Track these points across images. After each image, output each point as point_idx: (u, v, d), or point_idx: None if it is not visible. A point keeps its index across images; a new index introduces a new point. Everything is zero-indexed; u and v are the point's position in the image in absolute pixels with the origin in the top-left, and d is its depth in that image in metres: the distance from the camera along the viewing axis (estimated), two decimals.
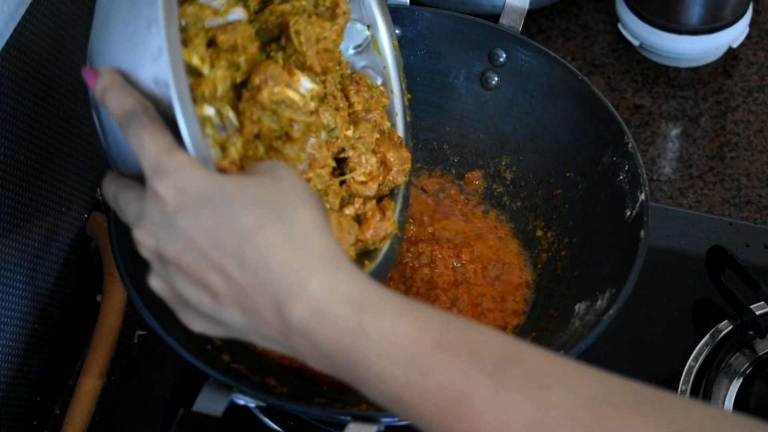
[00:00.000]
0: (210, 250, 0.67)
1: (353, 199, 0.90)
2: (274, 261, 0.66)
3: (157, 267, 0.70)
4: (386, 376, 0.65)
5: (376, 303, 0.66)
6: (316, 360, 0.67)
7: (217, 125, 0.76)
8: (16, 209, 0.90)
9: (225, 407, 0.78)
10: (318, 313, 0.65)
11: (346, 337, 0.65)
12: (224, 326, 0.70)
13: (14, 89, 0.88)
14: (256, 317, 0.67)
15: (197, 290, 0.68)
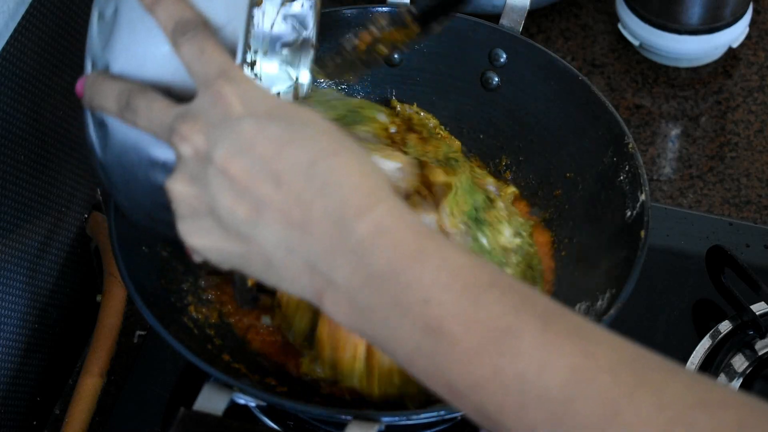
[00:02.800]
0: (274, 160, 0.64)
1: None
2: (346, 181, 0.64)
3: (192, 168, 0.66)
4: (433, 301, 0.63)
5: (437, 237, 0.65)
6: (352, 285, 0.64)
7: None
8: (16, 209, 0.90)
9: (225, 407, 0.78)
10: (382, 232, 0.63)
11: (404, 258, 0.63)
12: (243, 242, 0.66)
13: (14, 89, 0.88)
14: (304, 232, 0.64)
15: (235, 199, 0.65)
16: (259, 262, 0.66)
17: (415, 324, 0.63)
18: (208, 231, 0.67)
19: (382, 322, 0.64)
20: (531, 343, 0.61)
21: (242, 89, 0.66)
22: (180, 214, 0.67)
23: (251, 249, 0.66)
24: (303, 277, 0.65)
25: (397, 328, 0.64)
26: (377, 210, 0.64)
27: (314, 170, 0.64)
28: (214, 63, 0.67)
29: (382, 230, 0.64)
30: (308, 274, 0.65)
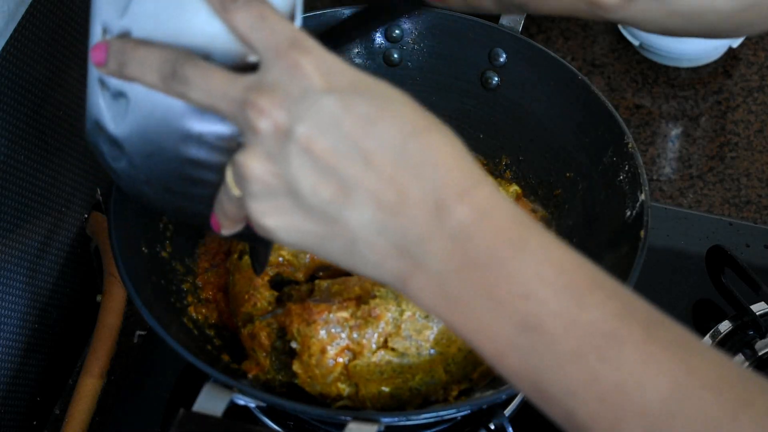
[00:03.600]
0: (362, 138, 0.60)
1: None
2: (443, 160, 0.61)
3: (270, 144, 0.61)
4: (533, 297, 0.59)
5: (538, 227, 0.62)
6: (446, 271, 0.61)
7: None
8: (16, 209, 0.90)
9: (225, 407, 0.78)
10: (483, 217, 0.60)
11: (505, 247, 0.60)
12: (326, 223, 0.62)
13: (14, 89, 0.88)
14: (397, 214, 0.61)
15: (320, 179, 0.61)
16: (341, 244, 0.63)
17: (511, 319, 0.60)
18: (285, 211, 0.63)
19: (474, 312, 0.61)
20: (633, 352, 0.59)
21: (320, 60, 0.62)
22: (252, 193, 0.63)
23: (334, 230, 0.62)
24: (389, 261, 0.62)
25: (490, 321, 0.60)
26: (477, 192, 0.61)
27: (407, 149, 0.61)
28: (280, 31, 0.62)
29: (483, 214, 0.60)
30: (396, 257, 0.62)
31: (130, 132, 0.69)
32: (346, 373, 0.83)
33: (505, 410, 0.92)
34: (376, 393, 0.83)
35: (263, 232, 0.64)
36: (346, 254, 0.63)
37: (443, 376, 0.85)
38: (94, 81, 0.70)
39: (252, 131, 0.62)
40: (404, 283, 0.62)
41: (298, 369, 0.84)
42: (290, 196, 0.62)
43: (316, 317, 0.83)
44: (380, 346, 0.84)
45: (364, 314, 0.83)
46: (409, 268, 0.62)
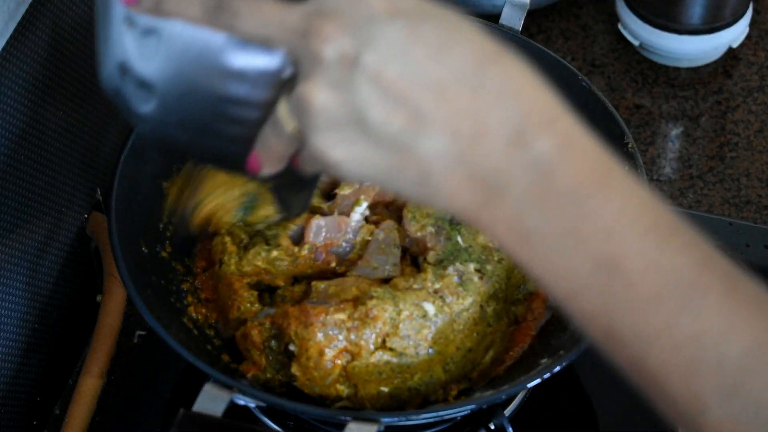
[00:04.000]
0: (435, 67, 0.57)
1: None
2: (523, 88, 0.58)
3: (335, 73, 0.58)
4: (615, 235, 0.57)
5: (620, 165, 0.59)
6: (525, 203, 0.58)
7: None
8: (16, 209, 0.90)
9: (225, 407, 0.78)
10: (567, 149, 0.57)
11: (589, 181, 0.57)
12: (397, 153, 0.59)
13: (14, 89, 0.88)
14: (475, 143, 0.57)
15: (390, 109, 0.58)
16: (412, 175, 0.59)
17: (590, 257, 0.58)
18: (354, 142, 0.59)
19: (550, 247, 0.58)
20: (714, 303, 0.57)
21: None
22: (317, 125, 0.59)
23: (405, 161, 0.59)
24: (464, 192, 0.59)
25: (567, 257, 0.58)
26: (560, 123, 0.58)
27: (483, 77, 0.58)
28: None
29: (566, 147, 0.58)
30: (471, 188, 0.59)
31: (162, 71, 0.65)
32: (344, 374, 0.83)
33: (505, 410, 0.92)
34: (375, 393, 0.83)
35: (328, 166, 0.61)
36: (417, 186, 0.60)
37: (442, 376, 0.85)
38: (118, 20, 0.65)
39: (315, 60, 0.58)
40: (477, 215, 0.59)
41: (296, 371, 0.84)
42: (359, 126, 0.59)
43: (314, 319, 0.83)
44: (378, 346, 0.84)
45: (362, 315, 0.83)
46: (485, 200, 0.59)
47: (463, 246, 0.88)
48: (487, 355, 0.87)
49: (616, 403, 0.98)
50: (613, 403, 0.98)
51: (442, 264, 0.86)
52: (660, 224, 0.58)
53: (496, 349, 0.87)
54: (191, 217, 0.86)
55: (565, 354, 0.83)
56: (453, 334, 0.85)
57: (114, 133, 1.05)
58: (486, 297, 0.86)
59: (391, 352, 0.84)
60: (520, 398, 0.93)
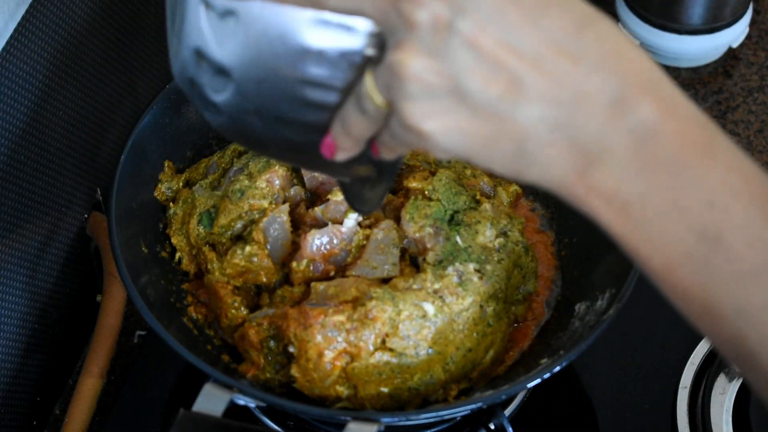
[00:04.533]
0: (533, 31, 0.55)
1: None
2: (623, 51, 0.56)
3: (430, 39, 0.56)
4: (718, 206, 0.55)
5: (723, 133, 0.57)
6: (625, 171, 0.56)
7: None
8: (16, 209, 0.90)
9: (225, 407, 0.78)
10: (669, 115, 0.56)
11: (692, 150, 0.56)
12: (494, 122, 0.57)
13: (14, 89, 0.88)
14: (576, 109, 0.56)
15: (488, 75, 0.56)
16: (508, 144, 0.58)
17: (691, 227, 0.56)
18: (449, 111, 0.57)
19: (649, 218, 0.57)
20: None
21: None
22: (411, 94, 0.57)
23: (503, 129, 0.57)
24: (560, 161, 0.57)
25: (666, 228, 0.56)
26: (661, 89, 0.57)
27: (582, 40, 0.56)
28: None
29: (668, 113, 0.56)
30: (568, 157, 0.57)
31: (240, 55, 0.62)
32: (344, 375, 0.83)
33: (505, 410, 0.92)
34: (375, 394, 0.83)
35: (420, 138, 0.59)
36: (512, 156, 0.58)
37: (442, 376, 0.85)
38: (194, 3, 0.63)
39: (408, 26, 0.56)
40: (573, 186, 0.58)
41: (296, 373, 0.84)
42: (454, 94, 0.57)
43: (313, 321, 0.82)
44: (378, 347, 0.84)
45: (361, 316, 0.83)
46: (583, 169, 0.57)
47: (463, 246, 0.88)
48: (488, 355, 0.87)
49: (616, 403, 0.98)
50: (613, 403, 0.98)
51: (442, 264, 0.86)
52: (764, 195, 0.56)
53: (496, 350, 0.87)
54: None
55: (565, 354, 0.83)
56: (453, 334, 0.85)
57: (114, 133, 1.05)
58: (486, 297, 0.86)
59: (391, 353, 0.84)
60: (520, 398, 0.93)
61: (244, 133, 0.67)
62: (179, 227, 0.93)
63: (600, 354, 0.97)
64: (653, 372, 0.98)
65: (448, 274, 0.86)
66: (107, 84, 1.03)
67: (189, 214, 0.92)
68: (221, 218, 0.91)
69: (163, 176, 0.95)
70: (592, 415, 0.97)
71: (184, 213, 0.93)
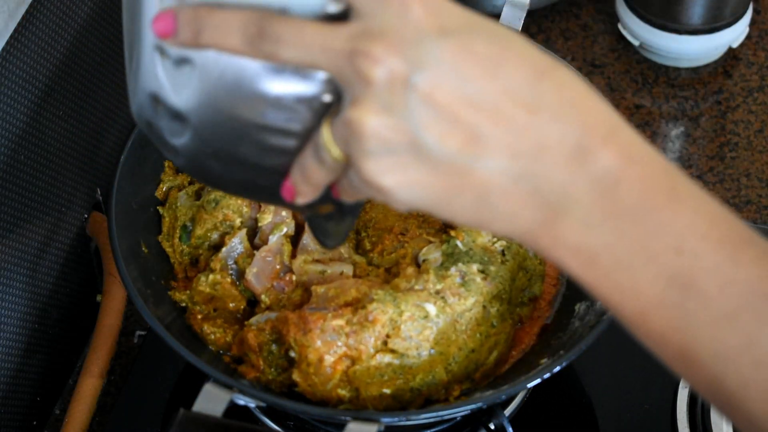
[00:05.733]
0: (490, 83, 0.55)
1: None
2: (580, 101, 0.56)
3: (386, 96, 0.56)
4: (687, 251, 0.55)
5: (685, 175, 0.57)
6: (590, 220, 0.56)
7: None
8: (16, 209, 0.90)
9: (225, 407, 0.78)
10: (631, 162, 0.55)
11: (656, 196, 0.55)
12: (453, 176, 0.57)
13: (14, 89, 0.88)
14: (536, 160, 0.56)
15: (446, 130, 0.56)
16: (469, 197, 0.57)
17: (661, 274, 0.56)
18: (408, 166, 0.57)
19: (617, 267, 0.56)
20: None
21: (427, 0, 0.56)
22: (368, 150, 0.57)
23: (463, 183, 0.57)
24: (525, 212, 0.57)
25: (636, 276, 0.56)
26: (622, 135, 0.56)
27: (540, 91, 0.56)
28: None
29: (630, 160, 0.55)
30: (533, 207, 0.57)
31: (196, 101, 0.63)
32: (345, 378, 0.83)
33: (505, 410, 0.92)
34: (377, 395, 0.83)
35: (379, 193, 0.59)
36: (475, 209, 0.58)
37: (444, 376, 0.84)
38: (149, 50, 0.63)
39: (364, 83, 0.56)
40: (538, 237, 0.57)
41: (297, 377, 0.84)
42: (412, 150, 0.56)
43: (312, 326, 0.82)
44: (379, 349, 0.83)
45: (361, 319, 0.83)
46: (547, 219, 0.57)
47: (464, 249, 0.88)
48: (491, 356, 0.87)
49: (616, 403, 0.98)
50: (613, 403, 0.98)
51: (444, 265, 0.86)
52: (732, 236, 0.56)
53: (500, 350, 0.87)
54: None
55: (565, 354, 0.83)
56: (455, 334, 0.85)
57: (114, 133, 1.05)
58: (489, 297, 0.86)
59: (393, 354, 0.84)
60: (520, 398, 0.93)
61: (204, 175, 0.67)
62: (166, 235, 0.93)
63: (600, 354, 0.97)
64: (653, 372, 0.98)
65: (450, 275, 0.86)
66: (107, 84, 1.03)
67: (173, 226, 0.93)
68: (197, 229, 0.91)
69: (164, 176, 0.95)
70: (592, 415, 0.97)
71: (170, 219, 0.93)
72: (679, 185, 0.57)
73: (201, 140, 0.64)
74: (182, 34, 0.60)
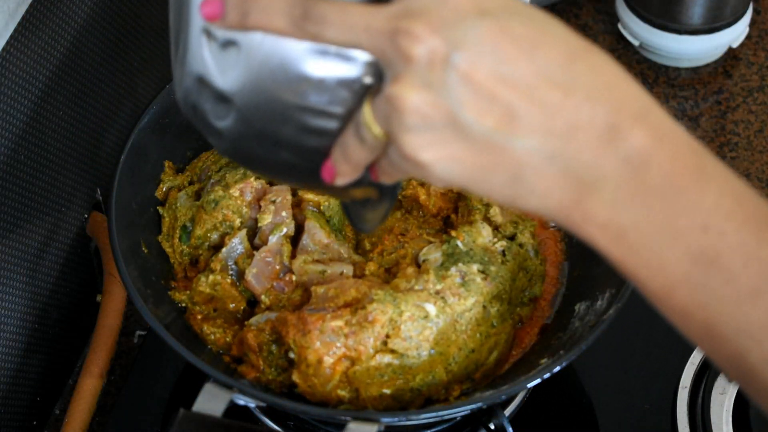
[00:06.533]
0: (527, 63, 0.57)
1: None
2: (614, 82, 0.58)
3: (426, 73, 0.57)
4: (713, 229, 0.57)
5: (713, 155, 0.58)
6: (620, 199, 0.58)
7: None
8: (16, 209, 0.90)
9: (225, 407, 0.78)
10: (661, 141, 0.57)
11: (684, 175, 0.57)
12: (489, 153, 0.58)
13: (14, 89, 0.88)
14: (569, 139, 0.57)
15: (484, 108, 0.57)
16: (504, 174, 0.59)
17: (688, 251, 0.57)
18: (446, 142, 0.59)
19: (645, 243, 0.58)
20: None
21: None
22: (409, 126, 0.59)
23: (498, 160, 0.59)
24: (557, 190, 0.59)
25: (663, 252, 0.58)
26: (653, 116, 0.58)
27: (574, 72, 0.58)
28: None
29: (660, 139, 0.57)
30: (565, 185, 0.59)
31: (241, 83, 0.64)
32: (345, 379, 0.83)
33: (505, 410, 0.92)
34: (377, 395, 0.83)
35: (418, 168, 0.60)
36: (509, 185, 0.59)
37: (444, 377, 0.84)
38: (197, 33, 0.65)
39: (405, 60, 0.58)
40: (569, 214, 0.59)
41: (297, 379, 0.84)
42: (451, 126, 0.58)
43: (311, 327, 0.82)
44: (378, 349, 0.83)
45: (360, 320, 0.83)
46: (578, 197, 0.59)
47: (464, 249, 0.88)
48: (491, 356, 0.87)
49: (616, 403, 0.98)
50: (613, 403, 0.98)
51: (444, 265, 0.86)
52: (757, 215, 0.58)
53: (500, 350, 0.87)
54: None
55: (565, 354, 0.83)
56: (455, 334, 0.85)
57: (114, 133, 1.05)
58: (489, 298, 0.86)
59: (393, 354, 0.84)
60: (520, 398, 0.93)
61: (247, 157, 0.68)
62: (165, 235, 0.93)
63: (600, 354, 0.97)
64: (653, 372, 0.98)
65: (450, 275, 0.86)
66: (107, 84, 1.03)
67: (172, 226, 0.93)
68: (197, 229, 0.91)
69: (164, 176, 0.95)
70: (592, 415, 0.97)
71: (170, 219, 0.93)
72: (707, 165, 0.58)
73: (245, 122, 0.65)
74: (229, 17, 0.62)
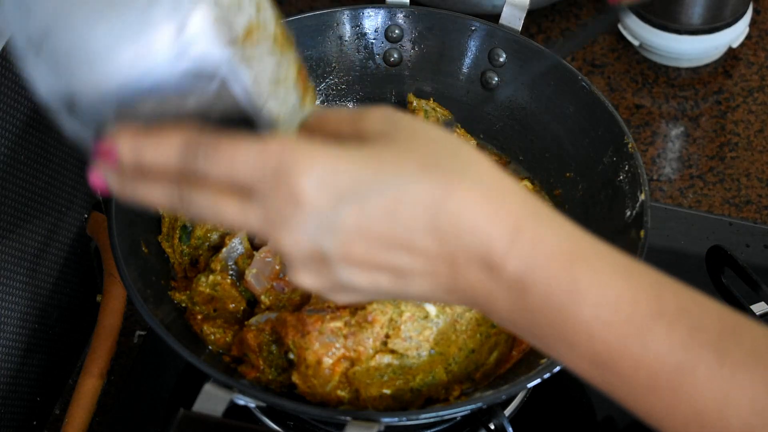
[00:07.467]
0: (394, 233, 0.60)
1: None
2: (477, 223, 0.60)
3: (311, 266, 0.62)
4: (597, 339, 0.60)
5: (589, 257, 0.62)
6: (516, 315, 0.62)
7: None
8: (16, 209, 0.90)
9: (225, 407, 0.78)
10: (532, 268, 0.60)
11: (559, 294, 0.60)
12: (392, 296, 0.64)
13: (14, 89, 0.88)
14: (455, 280, 0.62)
15: (372, 276, 0.62)
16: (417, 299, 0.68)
17: (583, 357, 0.61)
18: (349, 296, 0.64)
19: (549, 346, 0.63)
20: (707, 379, 0.59)
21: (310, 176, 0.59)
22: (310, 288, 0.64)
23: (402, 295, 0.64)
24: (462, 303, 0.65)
25: (566, 356, 0.62)
26: (520, 242, 0.60)
27: (439, 223, 0.60)
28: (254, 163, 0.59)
29: (531, 265, 0.61)
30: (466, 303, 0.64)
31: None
32: (345, 380, 0.83)
33: (505, 410, 0.92)
34: (377, 396, 0.83)
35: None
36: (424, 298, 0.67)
37: (444, 377, 0.84)
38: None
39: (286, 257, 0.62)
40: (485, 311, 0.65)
41: (296, 379, 0.84)
42: (351, 291, 0.63)
43: (310, 328, 0.83)
44: (378, 349, 0.83)
45: (360, 320, 0.83)
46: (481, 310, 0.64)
47: None
48: (491, 356, 0.87)
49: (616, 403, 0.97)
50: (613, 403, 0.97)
51: None
52: (637, 315, 0.60)
53: (500, 350, 0.87)
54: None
55: None
56: (455, 335, 0.85)
57: None
58: None
59: (393, 354, 0.84)
60: (520, 398, 0.93)
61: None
62: (165, 235, 0.93)
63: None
64: None
65: None
66: None
67: (172, 226, 0.93)
68: (197, 230, 0.92)
69: None
70: (592, 415, 0.97)
71: (170, 219, 0.93)
72: (581, 274, 0.61)
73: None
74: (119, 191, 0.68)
